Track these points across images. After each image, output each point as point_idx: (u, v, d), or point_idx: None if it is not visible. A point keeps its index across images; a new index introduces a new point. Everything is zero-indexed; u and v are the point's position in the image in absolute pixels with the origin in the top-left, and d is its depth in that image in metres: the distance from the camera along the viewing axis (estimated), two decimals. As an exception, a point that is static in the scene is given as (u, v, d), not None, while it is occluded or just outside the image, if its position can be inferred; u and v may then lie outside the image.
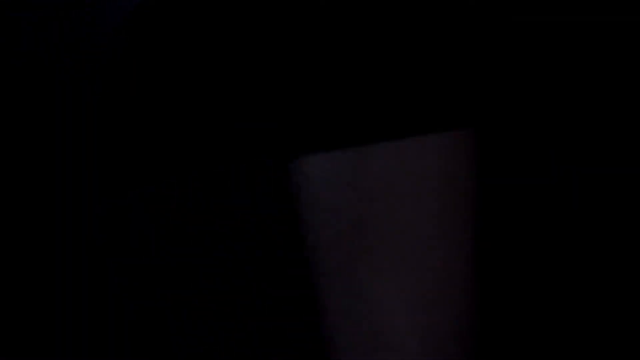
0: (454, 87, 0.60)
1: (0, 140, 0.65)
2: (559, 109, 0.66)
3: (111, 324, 0.65)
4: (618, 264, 0.66)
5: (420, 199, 0.60)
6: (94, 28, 0.64)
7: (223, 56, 0.60)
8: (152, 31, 0.62)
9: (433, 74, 0.59)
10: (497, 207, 0.66)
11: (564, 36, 0.66)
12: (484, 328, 0.63)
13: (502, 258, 0.67)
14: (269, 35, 0.59)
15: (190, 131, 0.62)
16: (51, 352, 0.64)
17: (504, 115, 0.65)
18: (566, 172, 0.66)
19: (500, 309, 0.66)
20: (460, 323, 0.61)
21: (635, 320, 0.66)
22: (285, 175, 0.61)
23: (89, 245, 0.66)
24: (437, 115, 0.60)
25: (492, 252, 0.65)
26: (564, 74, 0.66)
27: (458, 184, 0.61)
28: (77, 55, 0.65)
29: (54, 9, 0.64)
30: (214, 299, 0.66)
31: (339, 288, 0.60)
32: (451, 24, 0.60)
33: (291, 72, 0.59)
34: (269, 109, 0.60)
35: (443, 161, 0.60)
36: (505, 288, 0.66)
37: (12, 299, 0.64)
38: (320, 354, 0.61)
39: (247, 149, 0.60)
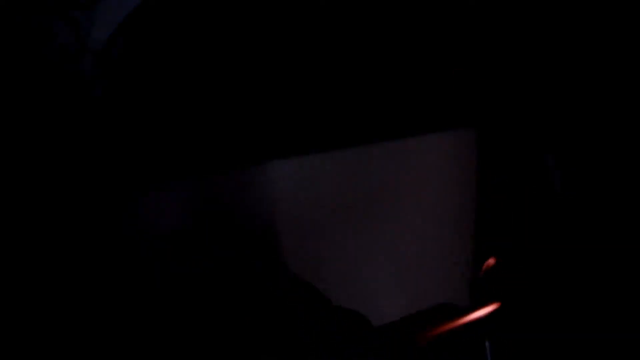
0: (454, 87, 0.61)
1: (1, 140, 0.65)
2: (558, 109, 0.66)
3: (110, 324, 0.66)
4: (617, 263, 0.66)
5: (420, 198, 0.60)
6: (94, 28, 0.64)
7: (221, 57, 0.61)
8: (151, 31, 0.62)
9: (433, 74, 0.60)
10: (496, 206, 0.66)
11: (563, 37, 0.66)
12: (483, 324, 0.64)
13: (501, 257, 0.67)
14: (267, 36, 0.59)
15: (188, 132, 0.62)
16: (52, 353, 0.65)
17: (504, 115, 0.65)
18: (566, 172, 0.66)
19: (500, 308, 0.67)
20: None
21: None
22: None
23: (89, 246, 0.66)
24: (437, 115, 0.60)
25: (491, 251, 0.65)
26: (564, 74, 0.66)
27: (458, 183, 0.61)
28: (77, 56, 0.65)
29: (54, 10, 0.65)
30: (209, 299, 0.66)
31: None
32: (451, 24, 0.60)
33: (290, 73, 0.59)
34: (270, 110, 0.60)
35: (443, 161, 0.60)
36: (504, 287, 0.67)
37: (12, 299, 0.64)
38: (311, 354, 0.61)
39: (244, 151, 0.61)
